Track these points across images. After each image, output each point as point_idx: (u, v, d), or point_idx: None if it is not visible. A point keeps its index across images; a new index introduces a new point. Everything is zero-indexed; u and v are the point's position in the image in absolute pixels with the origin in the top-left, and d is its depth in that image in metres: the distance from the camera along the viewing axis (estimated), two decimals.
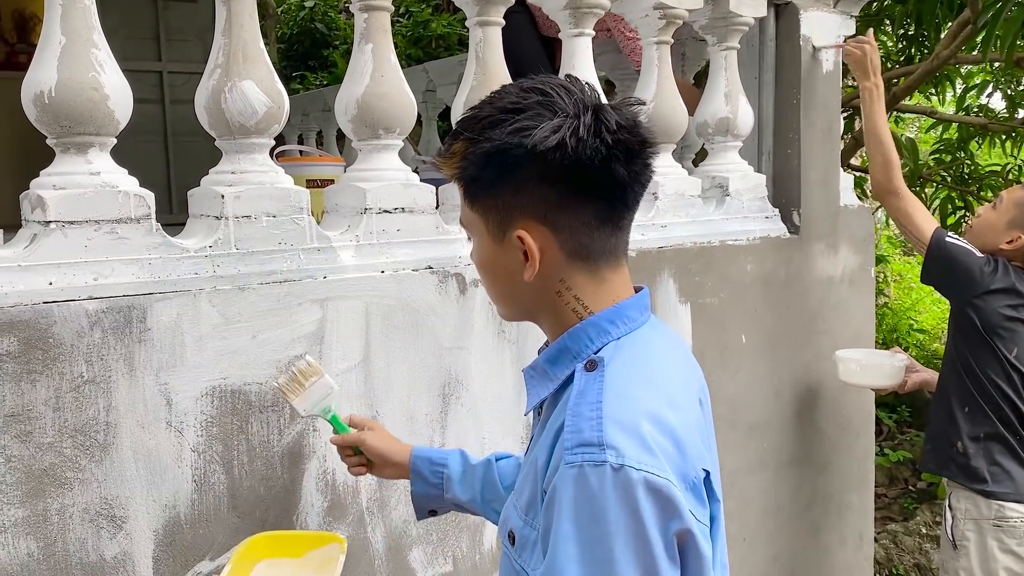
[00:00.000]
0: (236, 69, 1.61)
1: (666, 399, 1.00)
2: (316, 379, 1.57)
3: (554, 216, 1.04)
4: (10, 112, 1.53)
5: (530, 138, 0.98)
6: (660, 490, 0.92)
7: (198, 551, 1.56)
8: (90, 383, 1.43)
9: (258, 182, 1.66)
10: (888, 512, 5.15)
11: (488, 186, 1.06)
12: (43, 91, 1.41)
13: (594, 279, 1.08)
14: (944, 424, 2.57)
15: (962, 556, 2.48)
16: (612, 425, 0.94)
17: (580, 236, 1.05)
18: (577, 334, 1.07)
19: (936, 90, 5.57)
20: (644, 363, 1.05)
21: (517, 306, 1.14)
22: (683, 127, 2.47)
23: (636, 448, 0.93)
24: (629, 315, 1.08)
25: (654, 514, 0.91)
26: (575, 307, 1.08)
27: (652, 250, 2.34)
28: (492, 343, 1.97)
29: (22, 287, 1.38)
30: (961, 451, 2.50)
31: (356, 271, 1.76)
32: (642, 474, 0.91)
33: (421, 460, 1.55)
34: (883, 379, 2.74)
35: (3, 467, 1.35)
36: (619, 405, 0.97)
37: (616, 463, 0.92)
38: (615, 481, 0.91)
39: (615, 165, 1.01)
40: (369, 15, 1.81)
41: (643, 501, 0.91)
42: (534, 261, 1.04)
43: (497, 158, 1.02)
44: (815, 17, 2.80)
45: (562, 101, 1.00)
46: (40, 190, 1.44)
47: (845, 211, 2.99)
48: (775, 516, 2.81)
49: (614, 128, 1.00)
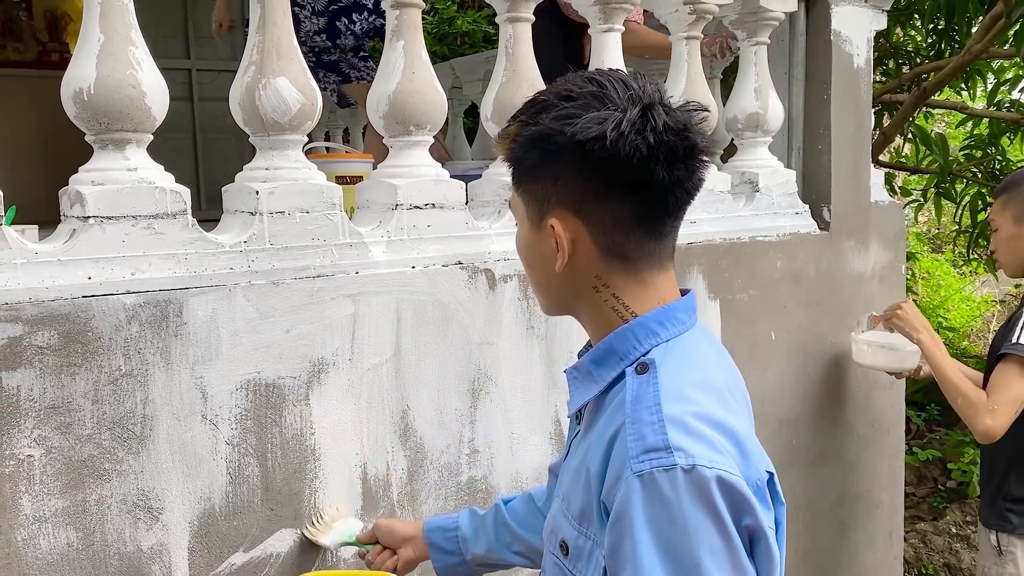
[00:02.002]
0: (270, 66, 1.63)
1: (721, 402, 0.99)
2: (342, 520, 1.66)
3: (588, 209, 1.02)
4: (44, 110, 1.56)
5: (572, 126, 0.98)
6: (733, 486, 0.91)
7: (232, 543, 1.58)
8: (128, 376, 1.45)
9: (291, 178, 1.67)
10: (917, 511, 5.10)
11: (531, 170, 1.05)
12: (82, 88, 1.44)
13: (634, 280, 1.06)
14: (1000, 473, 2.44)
15: (1008, 563, 2.40)
16: (675, 427, 0.93)
17: (615, 234, 1.03)
18: (624, 335, 1.05)
19: (967, 85, 5.50)
20: (696, 366, 1.03)
21: (554, 298, 1.13)
22: (713, 123, 2.46)
23: (704, 447, 0.92)
24: (678, 317, 1.06)
25: (730, 510, 0.91)
26: (615, 306, 1.06)
27: (681, 246, 2.33)
28: (521, 339, 1.98)
29: (62, 281, 1.41)
30: None
31: (387, 266, 1.77)
32: (715, 471, 0.91)
33: (434, 532, 1.55)
34: (894, 362, 2.68)
35: (44, 458, 1.38)
36: (679, 407, 0.95)
37: (687, 464, 0.90)
38: (688, 482, 0.90)
39: (654, 166, 0.98)
40: (401, 12, 1.82)
41: (719, 498, 0.90)
42: (563, 251, 1.03)
43: (541, 143, 1.02)
44: (846, 12, 2.78)
45: (615, 94, 0.99)
46: (79, 186, 1.47)
47: (876, 207, 2.96)
48: (804, 513, 2.79)
49: (660, 128, 0.97)
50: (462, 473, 1.90)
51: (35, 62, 4.95)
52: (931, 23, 5.10)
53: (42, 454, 1.38)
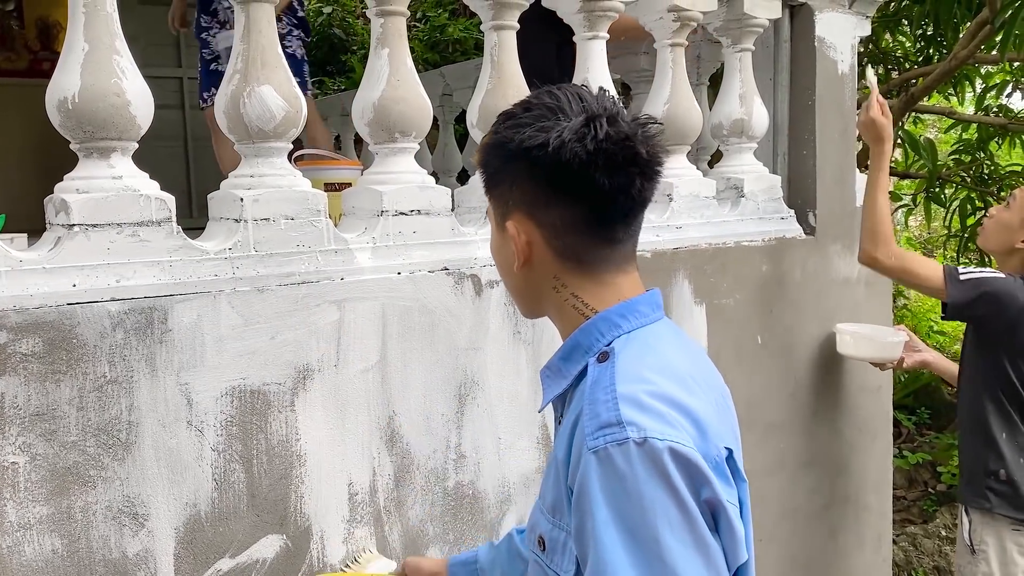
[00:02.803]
0: (255, 74, 1.64)
1: (679, 383, 1.01)
2: (375, 561, 1.70)
3: (540, 212, 1.07)
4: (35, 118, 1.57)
5: (521, 134, 1.04)
6: (687, 458, 0.93)
7: (218, 549, 1.59)
8: (112, 383, 1.46)
9: (276, 185, 1.68)
10: (907, 514, 5.12)
11: (493, 176, 1.12)
12: (67, 97, 1.45)
13: (592, 281, 1.09)
14: (981, 451, 2.49)
15: (981, 561, 2.45)
16: (628, 403, 0.96)
17: (565, 237, 1.07)
18: (588, 329, 1.09)
19: (955, 90, 5.54)
20: (655, 352, 1.05)
21: (523, 299, 1.18)
22: (697, 129, 2.48)
23: (656, 421, 0.94)
24: (640, 310, 1.09)
25: (685, 482, 0.92)
26: (575, 304, 1.10)
27: (667, 251, 2.35)
28: (508, 344, 1.99)
29: (46, 289, 1.41)
30: (1004, 479, 2.43)
31: (373, 272, 1.78)
32: (667, 443, 0.92)
33: (456, 567, 1.56)
34: (876, 352, 2.74)
35: (28, 465, 1.38)
36: (633, 386, 0.98)
37: (639, 437, 0.92)
38: (641, 455, 0.92)
39: (594, 172, 1.02)
40: (385, 20, 1.84)
41: (672, 469, 0.91)
42: (519, 252, 1.09)
43: (498, 150, 1.09)
44: (830, 18, 2.80)
45: (568, 107, 1.04)
46: (64, 194, 1.47)
47: (861, 212, 2.98)
48: (792, 517, 2.81)
49: (601, 137, 1.01)
50: (449, 478, 1.91)
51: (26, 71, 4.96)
52: (919, 29, 5.13)
53: (27, 461, 1.38)
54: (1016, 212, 2.50)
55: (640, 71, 3.27)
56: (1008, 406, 2.45)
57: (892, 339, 2.73)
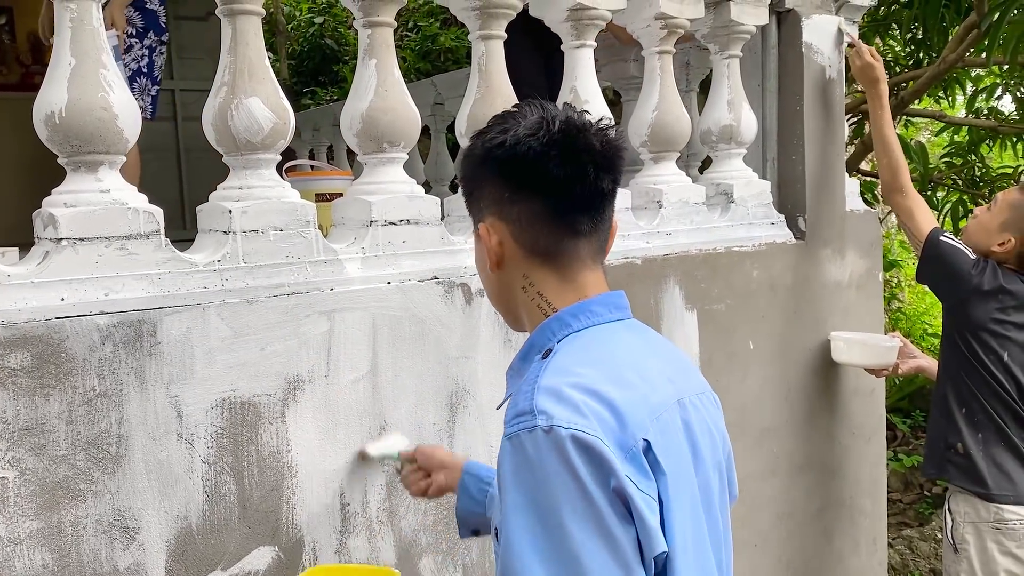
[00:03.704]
0: (242, 86, 1.64)
1: (608, 376, 1.04)
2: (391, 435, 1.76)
3: (506, 210, 1.14)
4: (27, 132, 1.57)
5: (483, 138, 1.14)
6: (590, 446, 0.95)
7: (210, 561, 1.59)
8: (102, 396, 1.46)
9: (265, 197, 1.69)
10: (903, 517, 5.12)
11: (466, 184, 1.20)
12: (54, 111, 1.45)
13: (556, 276, 1.14)
14: (942, 426, 2.58)
15: (963, 559, 2.48)
16: (543, 394, 1.00)
17: (530, 230, 1.13)
18: (543, 329, 1.14)
19: (946, 93, 5.56)
20: (594, 347, 1.09)
21: (503, 305, 1.23)
22: (686, 135, 2.48)
23: (566, 411, 0.97)
24: (593, 310, 1.13)
25: (589, 471, 0.95)
26: (539, 303, 1.15)
27: (657, 257, 2.36)
28: (499, 352, 1.99)
29: (35, 303, 1.41)
30: (961, 452, 2.50)
31: (362, 283, 1.79)
32: (570, 431, 0.96)
33: (470, 477, 1.58)
34: (870, 358, 2.77)
35: (18, 480, 1.38)
36: (554, 378, 1.02)
37: (546, 425, 0.96)
38: (547, 442, 0.96)
39: (548, 163, 1.09)
40: (372, 31, 1.85)
41: (575, 457, 0.95)
42: (491, 251, 1.15)
43: (469, 158, 1.18)
44: (817, 23, 2.82)
45: (529, 113, 1.12)
46: (51, 208, 1.48)
47: (852, 216, 2.99)
48: (787, 521, 2.81)
49: (554, 130, 1.09)
50: None
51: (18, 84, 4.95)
52: (909, 32, 5.15)
53: (16, 475, 1.38)
54: (996, 215, 2.52)
55: (630, 78, 3.28)
56: (967, 383, 2.51)
57: (886, 345, 2.75)
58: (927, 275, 2.63)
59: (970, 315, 2.48)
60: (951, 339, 2.56)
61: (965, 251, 2.51)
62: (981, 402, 2.48)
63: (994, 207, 2.55)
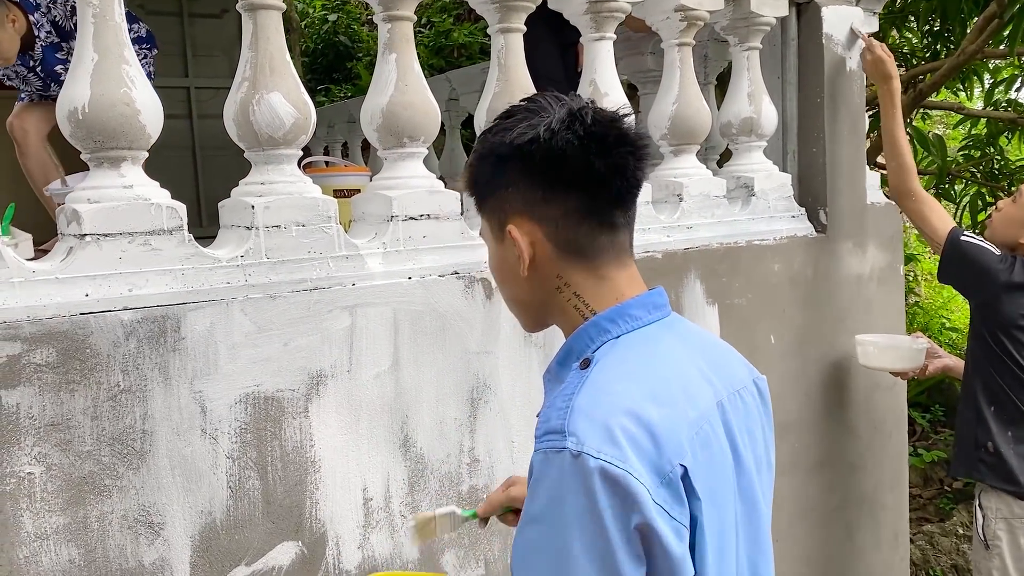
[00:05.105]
0: (263, 82, 1.64)
1: (650, 393, 1.00)
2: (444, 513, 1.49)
3: (540, 209, 1.07)
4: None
5: (510, 135, 1.06)
6: (617, 480, 0.91)
7: (234, 557, 1.59)
8: (126, 392, 1.46)
9: (287, 192, 1.69)
10: (924, 513, 5.09)
11: (486, 187, 1.12)
12: (77, 107, 1.45)
13: (592, 276, 1.09)
14: (972, 425, 2.55)
15: (995, 556, 2.46)
16: (578, 414, 0.96)
17: (566, 229, 1.07)
18: (580, 335, 1.09)
19: (964, 85, 5.51)
20: (635, 359, 1.05)
21: (528, 308, 1.16)
22: (706, 128, 2.47)
23: (598, 438, 0.93)
24: (632, 313, 1.08)
25: (611, 505, 0.91)
26: (576, 304, 1.10)
27: (678, 251, 2.34)
28: (519, 347, 1.99)
29: (59, 299, 1.42)
30: (991, 451, 2.47)
31: (384, 278, 1.78)
32: (599, 462, 0.92)
33: None
34: (901, 362, 2.73)
35: (44, 475, 1.38)
36: (592, 398, 0.98)
37: (575, 450, 0.93)
38: (573, 468, 0.92)
39: (589, 156, 1.04)
40: (392, 25, 1.84)
41: (599, 490, 0.91)
42: (523, 253, 1.08)
43: (489, 158, 1.10)
44: (837, 15, 2.79)
45: (548, 106, 1.06)
46: (75, 204, 1.48)
47: (872, 209, 2.96)
48: (808, 517, 2.79)
49: (589, 122, 1.04)
50: (463, 483, 1.91)
51: None
52: (926, 24, 5.11)
53: (42, 471, 1.38)
54: (1022, 207, 2.49)
55: (647, 71, 3.26)
56: (998, 380, 2.48)
57: (917, 347, 2.71)
58: (951, 276, 2.59)
59: (1000, 312, 2.45)
60: (980, 337, 2.53)
61: (989, 248, 2.48)
62: (1012, 399, 2.45)
63: (1019, 199, 2.52)
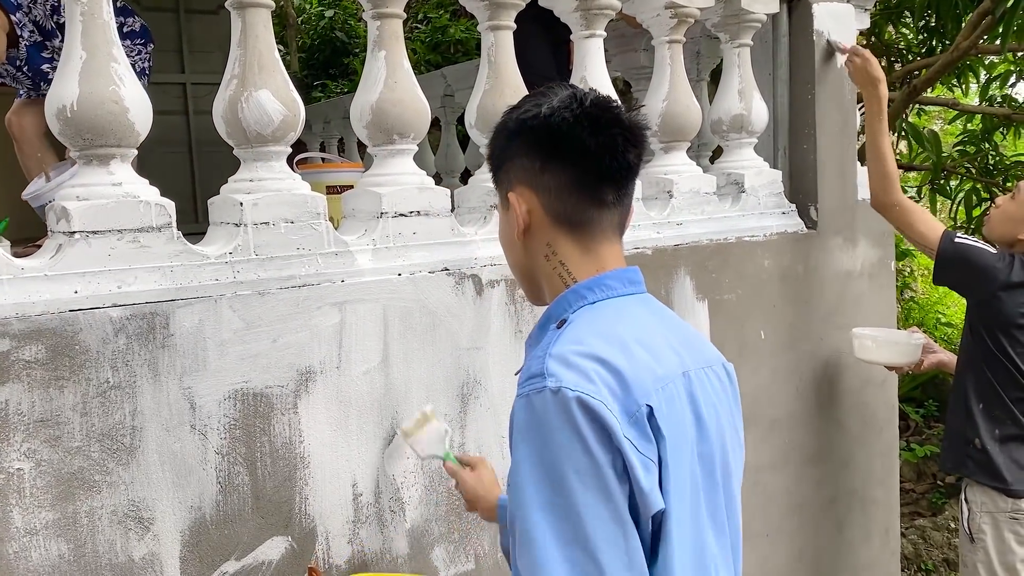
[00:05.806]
0: (252, 79, 1.65)
1: (617, 347, 1.09)
2: (431, 424, 1.71)
3: (537, 180, 1.18)
4: None
5: (517, 111, 1.21)
6: (594, 410, 1.01)
7: (224, 551, 1.60)
8: (116, 388, 1.47)
9: (275, 189, 1.69)
10: (916, 507, 5.11)
11: (497, 159, 1.24)
12: (65, 105, 1.46)
13: (579, 248, 1.19)
14: (961, 420, 2.56)
15: (979, 549, 2.47)
16: (554, 359, 1.06)
17: (559, 200, 1.18)
18: (560, 301, 1.19)
19: (959, 81, 5.51)
20: (606, 319, 1.14)
21: (525, 277, 1.26)
22: (696, 125, 2.48)
23: (574, 375, 1.04)
24: (608, 283, 1.18)
25: (592, 431, 1.01)
26: (560, 272, 1.20)
27: (668, 248, 2.35)
28: (510, 343, 2.00)
29: (48, 296, 1.43)
30: (979, 448, 2.48)
31: (373, 274, 1.79)
32: (577, 393, 1.02)
33: (504, 510, 1.56)
34: (898, 356, 2.74)
35: (33, 471, 1.40)
36: (566, 346, 1.08)
37: (554, 387, 1.03)
38: (554, 402, 1.02)
39: (581, 132, 1.14)
40: (382, 22, 1.84)
41: (580, 418, 1.01)
42: (520, 217, 1.19)
43: (502, 133, 1.23)
44: (828, 11, 2.80)
45: (556, 92, 1.18)
46: (64, 201, 1.49)
47: (863, 205, 2.97)
48: (799, 512, 2.80)
49: (587, 103, 1.15)
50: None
51: None
52: (921, 20, 5.11)
53: (32, 467, 1.39)
54: (1021, 204, 2.49)
55: (640, 68, 3.27)
56: (989, 377, 2.49)
57: (914, 342, 2.72)
58: (948, 278, 2.57)
59: (999, 310, 2.44)
60: (976, 334, 2.52)
61: (985, 247, 2.48)
62: (1002, 397, 2.45)
63: (1018, 196, 2.51)
